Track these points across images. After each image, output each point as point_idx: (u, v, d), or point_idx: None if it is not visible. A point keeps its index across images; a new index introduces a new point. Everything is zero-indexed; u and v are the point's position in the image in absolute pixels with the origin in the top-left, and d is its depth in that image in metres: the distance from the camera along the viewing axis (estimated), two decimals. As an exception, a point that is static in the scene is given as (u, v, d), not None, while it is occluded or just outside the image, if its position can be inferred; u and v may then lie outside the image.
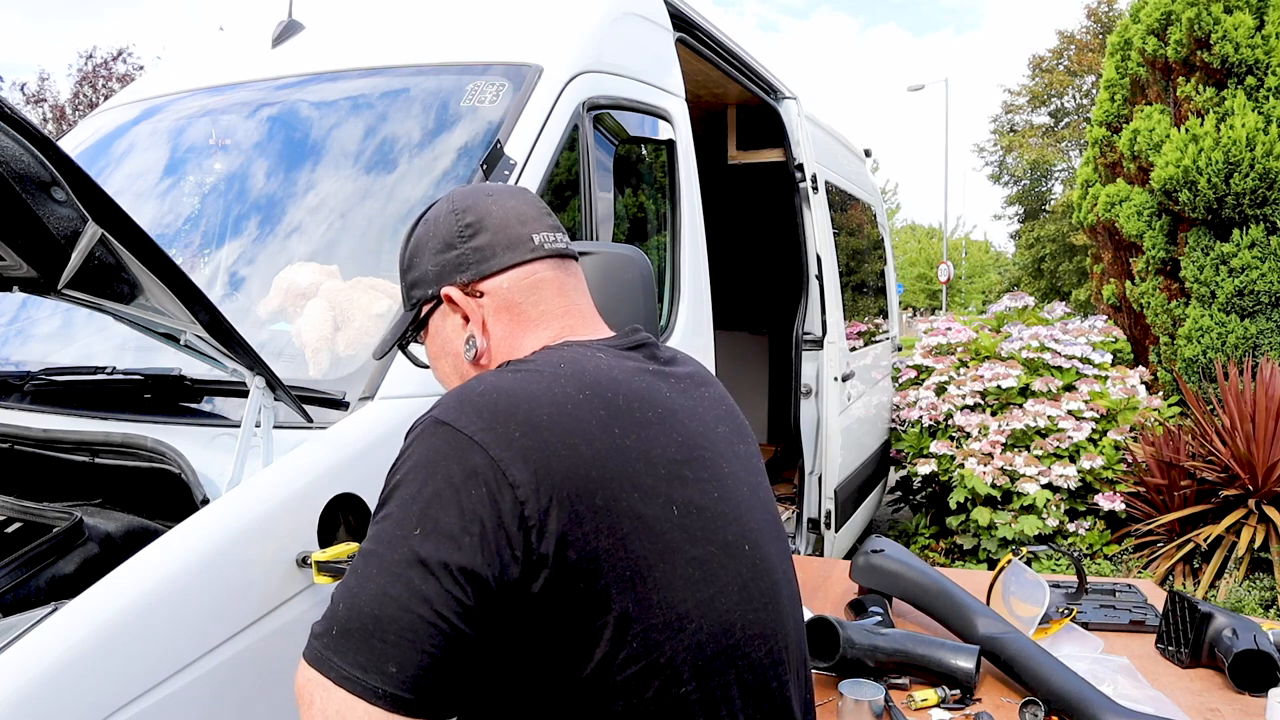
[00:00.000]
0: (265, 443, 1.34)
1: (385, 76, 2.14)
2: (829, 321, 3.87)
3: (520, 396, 0.83)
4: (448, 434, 0.81)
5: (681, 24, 2.78)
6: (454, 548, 0.75)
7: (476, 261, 0.97)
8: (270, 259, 1.87)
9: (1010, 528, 4.23)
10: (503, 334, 0.98)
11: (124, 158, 2.34)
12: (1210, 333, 5.14)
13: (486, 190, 1.03)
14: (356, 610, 0.75)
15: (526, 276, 0.98)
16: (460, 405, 0.83)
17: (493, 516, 0.76)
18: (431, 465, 0.80)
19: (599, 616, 0.79)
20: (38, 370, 1.71)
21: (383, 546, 0.77)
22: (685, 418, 0.92)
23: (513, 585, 0.76)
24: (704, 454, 0.90)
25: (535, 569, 0.77)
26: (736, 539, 0.89)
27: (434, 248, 1.00)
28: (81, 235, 1.15)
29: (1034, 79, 24.30)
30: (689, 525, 0.84)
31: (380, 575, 0.75)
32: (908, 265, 37.86)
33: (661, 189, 2.51)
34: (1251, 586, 3.74)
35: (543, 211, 1.03)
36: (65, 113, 14.95)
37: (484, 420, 0.80)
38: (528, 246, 0.98)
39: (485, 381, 0.87)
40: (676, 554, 0.83)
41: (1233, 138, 4.96)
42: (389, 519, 0.79)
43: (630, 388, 0.89)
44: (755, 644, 0.88)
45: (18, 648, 0.98)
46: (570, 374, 0.87)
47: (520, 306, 0.98)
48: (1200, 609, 1.85)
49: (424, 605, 0.74)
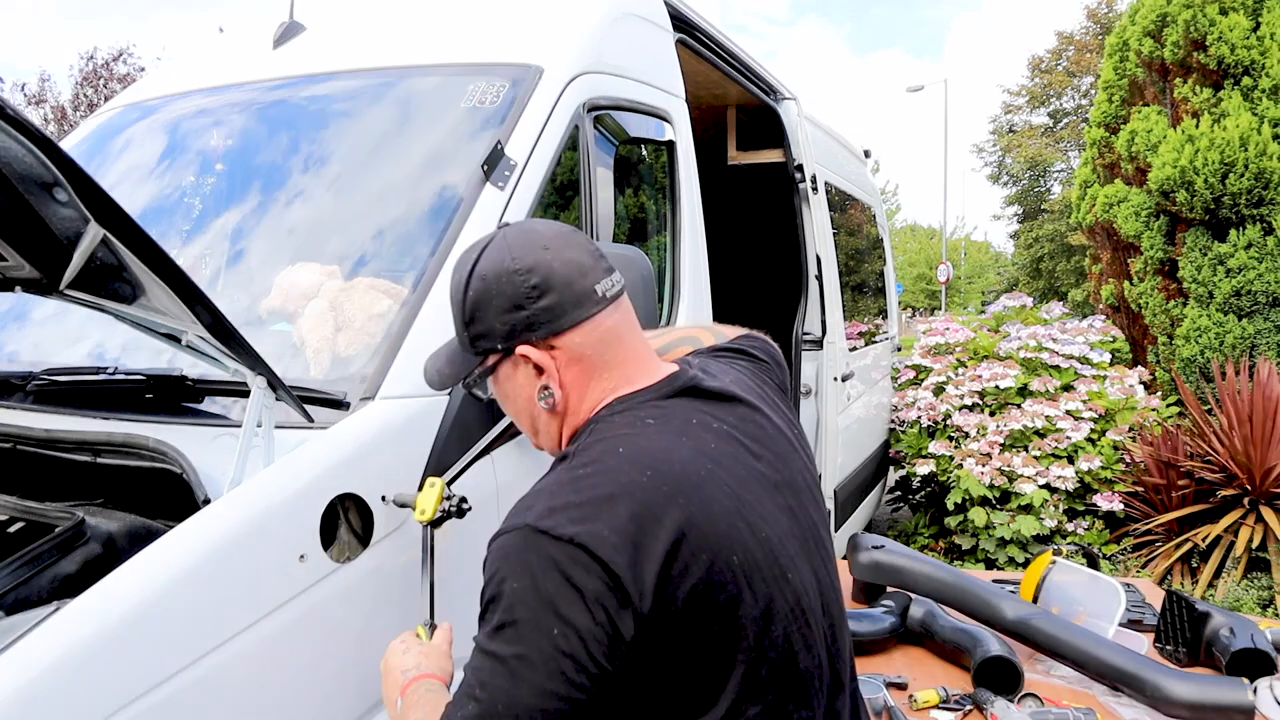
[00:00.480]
0: (266, 443, 1.34)
1: (386, 77, 2.14)
2: (829, 322, 3.88)
3: (601, 498, 0.93)
4: (548, 541, 0.90)
5: (681, 25, 2.78)
6: (593, 640, 0.87)
7: (547, 321, 1.03)
8: (271, 259, 1.88)
9: (1008, 528, 4.24)
10: (573, 383, 1.06)
11: (125, 158, 2.34)
12: (1208, 333, 5.15)
13: (542, 241, 1.05)
14: (521, 706, 0.87)
15: (594, 329, 1.05)
16: (552, 513, 0.92)
17: (612, 601, 0.88)
18: (545, 568, 0.89)
19: (697, 656, 0.92)
20: (40, 370, 1.71)
21: (525, 647, 0.88)
22: (728, 469, 1.00)
23: (633, 654, 0.89)
24: (747, 496, 1.00)
25: (646, 636, 0.89)
26: (781, 572, 0.99)
27: (500, 306, 1.04)
28: (83, 236, 1.15)
29: (1033, 79, 24.32)
30: (748, 570, 0.95)
31: (535, 673, 0.87)
32: (907, 265, 37.87)
33: (662, 189, 2.51)
34: (1249, 586, 3.75)
35: (596, 256, 1.08)
36: (66, 113, 14.94)
37: (578, 524, 0.90)
38: (592, 300, 1.05)
39: (564, 491, 0.95)
40: (744, 597, 0.94)
41: (1228, 138, 4.97)
42: (523, 621, 0.88)
43: (680, 455, 0.98)
44: (806, 656, 1.00)
45: (20, 647, 0.98)
46: (630, 460, 0.96)
47: (589, 359, 1.06)
48: (1198, 608, 1.85)
49: (581, 691, 0.87)
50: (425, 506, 1.34)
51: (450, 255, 1.64)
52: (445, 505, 1.36)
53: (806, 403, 3.83)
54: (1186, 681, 1.61)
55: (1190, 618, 1.85)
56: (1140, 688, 1.62)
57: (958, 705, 1.67)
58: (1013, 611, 1.81)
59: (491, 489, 1.58)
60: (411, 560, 1.43)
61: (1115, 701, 1.67)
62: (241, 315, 1.71)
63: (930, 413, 4.79)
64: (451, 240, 1.67)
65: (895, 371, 5.38)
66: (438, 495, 1.35)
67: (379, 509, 1.38)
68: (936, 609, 1.92)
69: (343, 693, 1.31)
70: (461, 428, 1.53)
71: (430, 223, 1.75)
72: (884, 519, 5.66)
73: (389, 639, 1.38)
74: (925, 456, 4.67)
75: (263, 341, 1.44)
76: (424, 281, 1.62)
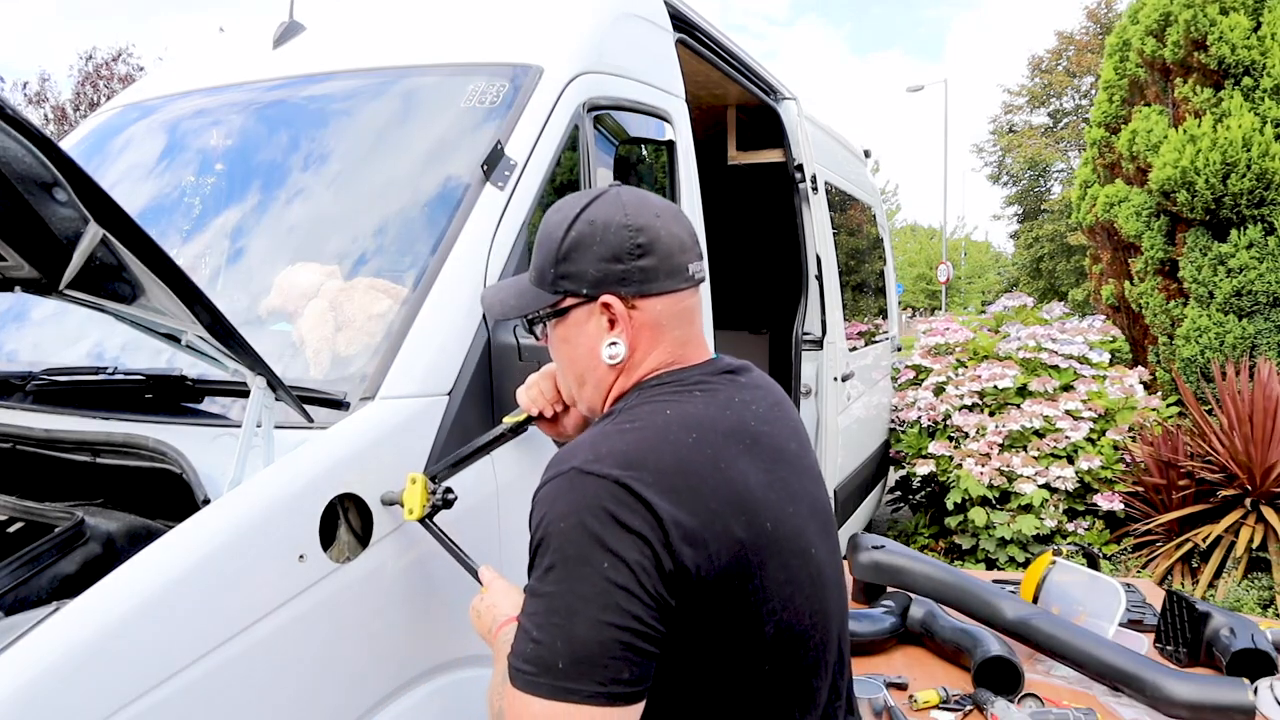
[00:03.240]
0: (266, 443, 1.34)
1: (386, 77, 2.14)
2: (829, 322, 3.88)
3: (644, 446, 0.96)
4: (593, 480, 0.93)
5: (681, 25, 2.78)
6: (641, 571, 0.89)
7: (640, 281, 1.07)
8: (271, 259, 1.88)
9: (1008, 528, 4.24)
10: (641, 345, 1.09)
11: (125, 158, 2.34)
12: (1208, 333, 5.15)
13: (654, 209, 1.09)
14: (580, 641, 0.88)
15: (677, 303, 1.09)
16: (597, 458, 0.95)
17: (655, 537, 0.90)
18: (592, 506, 0.91)
19: (724, 612, 0.96)
20: (39, 370, 1.71)
21: (577, 581, 0.90)
22: (766, 442, 1.05)
23: (676, 590, 0.91)
24: (780, 473, 1.05)
25: (683, 581, 0.92)
26: (805, 546, 1.05)
27: (600, 253, 1.07)
28: (83, 236, 1.15)
29: (1033, 79, 24.31)
30: (777, 538, 1.00)
31: (589, 607, 0.88)
32: (907, 266, 37.88)
33: (662, 189, 2.51)
34: (1250, 586, 3.75)
35: (695, 239, 1.12)
36: (66, 113, 14.94)
37: (621, 467, 0.93)
38: (683, 275, 1.09)
39: (609, 439, 0.99)
40: (770, 563, 0.99)
41: (1229, 138, 4.97)
42: (572, 559, 0.90)
43: (723, 424, 1.02)
44: (816, 629, 1.05)
45: (19, 647, 0.98)
46: (676, 421, 1.00)
47: (662, 328, 1.09)
48: (1198, 608, 1.85)
49: (637, 621, 0.89)
50: (412, 505, 1.35)
51: (450, 255, 1.64)
52: (432, 500, 1.36)
53: (806, 403, 3.83)
54: (1187, 682, 1.61)
55: (1190, 618, 1.85)
56: (1140, 688, 1.62)
57: (958, 705, 1.67)
58: (1013, 611, 1.81)
59: (491, 489, 1.58)
60: (411, 560, 1.43)
61: (1115, 702, 1.67)
62: (241, 315, 1.71)
63: (930, 413, 4.79)
64: (451, 240, 1.67)
65: (895, 371, 5.38)
66: (421, 491, 1.35)
67: (379, 509, 1.38)
68: (936, 609, 1.92)
69: (343, 693, 1.31)
70: (461, 428, 1.53)
71: (430, 222, 1.75)
72: (884, 519, 5.66)
73: (389, 639, 1.38)
74: (925, 456, 4.67)
75: (263, 341, 1.44)
76: (424, 281, 1.62)
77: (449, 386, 1.53)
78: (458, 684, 1.50)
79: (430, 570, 1.47)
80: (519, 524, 1.60)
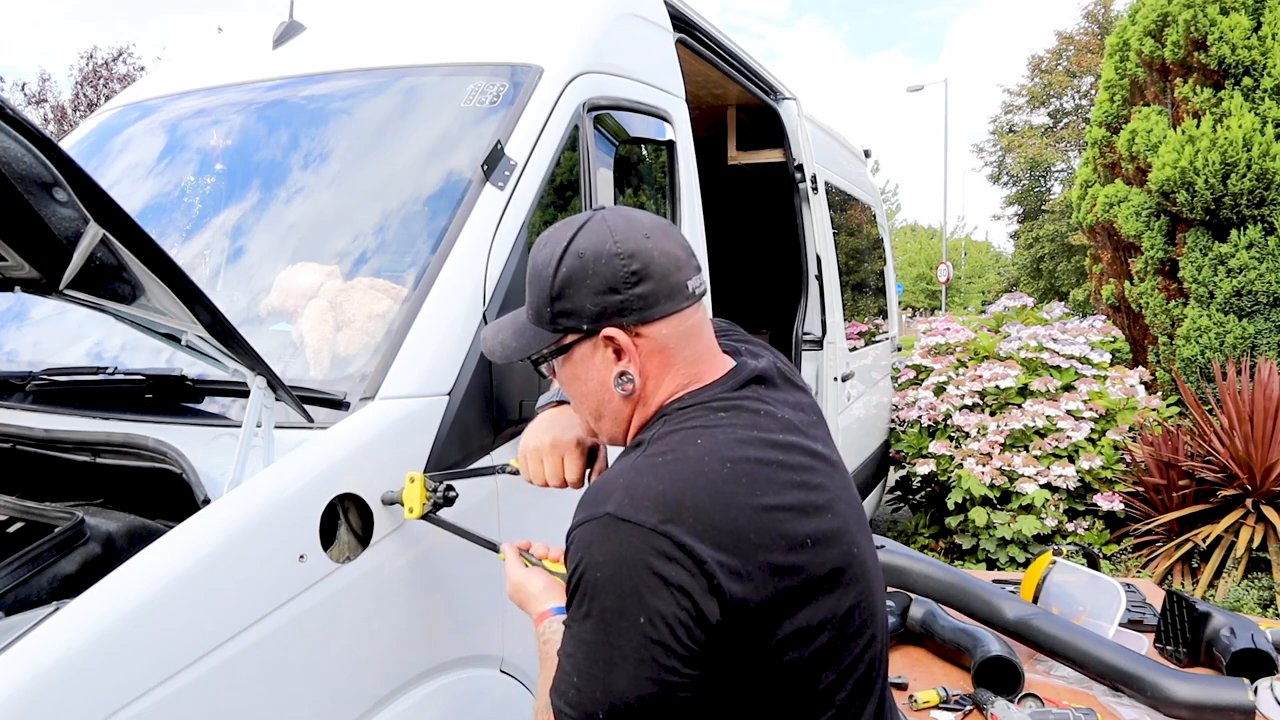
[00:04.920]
0: (266, 443, 1.34)
1: (385, 77, 2.14)
2: (829, 322, 3.88)
3: (682, 486, 0.95)
4: (631, 529, 0.92)
5: (681, 25, 2.78)
6: (679, 625, 0.90)
7: (640, 308, 1.04)
8: (271, 259, 1.88)
9: (1009, 528, 4.24)
10: (652, 373, 1.07)
11: (125, 158, 2.34)
12: (1208, 333, 5.15)
13: (643, 229, 1.06)
14: (619, 694, 0.90)
15: (682, 323, 1.07)
16: (634, 501, 0.94)
17: (696, 587, 0.90)
18: (630, 558, 0.91)
19: (780, 634, 0.96)
20: (39, 370, 1.71)
21: (616, 635, 0.91)
22: (796, 451, 1.04)
23: (720, 633, 0.92)
24: (815, 480, 1.04)
25: (731, 620, 0.92)
26: (849, 546, 1.04)
27: (595, 286, 1.03)
28: (83, 236, 1.15)
29: (1033, 79, 24.30)
30: (820, 550, 1.00)
31: (626, 663, 0.90)
32: (907, 265, 37.87)
33: (661, 189, 2.51)
34: (1250, 586, 3.75)
35: (689, 253, 1.09)
36: (66, 113, 14.94)
37: (660, 513, 0.92)
38: (684, 294, 1.06)
39: (644, 477, 0.97)
40: (819, 578, 0.99)
41: (1229, 138, 4.97)
42: (610, 610, 0.91)
43: (754, 449, 1.01)
44: (869, 622, 1.06)
45: (19, 647, 0.98)
46: (709, 452, 0.99)
47: (671, 351, 1.07)
48: (1199, 608, 1.85)
49: (673, 674, 0.90)
50: (412, 504, 1.35)
51: (450, 255, 1.64)
52: (433, 498, 1.36)
53: (807, 403, 3.82)
54: (1187, 682, 1.61)
55: (1191, 618, 1.85)
56: (1140, 688, 1.62)
57: (958, 705, 1.67)
58: (1013, 611, 1.81)
59: (491, 489, 1.58)
60: (411, 560, 1.43)
61: (1115, 702, 1.67)
62: (241, 315, 1.71)
63: (930, 413, 4.79)
64: (451, 240, 1.67)
65: (895, 371, 5.38)
66: (420, 490, 1.36)
67: (379, 509, 1.38)
68: (936, 609, 1.92)
69: (343, 693, 1.31)
70: (461, 428, 1.53)
71: (430, 222, 1.75)
72: (884, 519, 5.66)
73: (389, 639, 1.38)
74: (925, 456, 4.67)
75: (263, 341, 1.44)
76: (424, 281, 1.62)
77: (449, 386, 1.53)
78: (458, 684, 1.50)
79: (430, 570, 1.47)
80: (519, 523, 1.60)
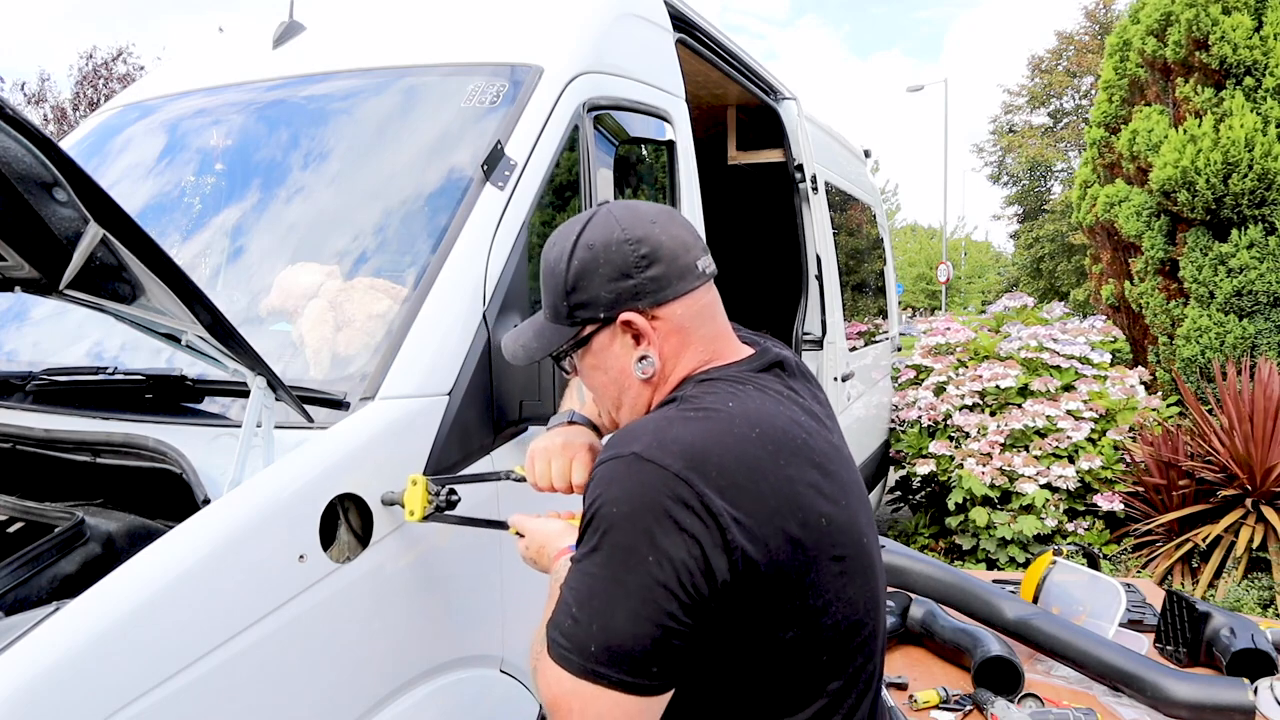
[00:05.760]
0: (266, 443, 1.34)
1: (385, 77, 2.14)
2: (829, 322, 3.88)
3: (710, 439, 0.96)
4: (654, 469, 0.92)
5: (681, 25, 2.78)
6: (686, 571, 0.89)
7: (654, 290, 1.07)
8: (271, 259, 1.88)
9: (1009, 528, 4.24)
10: (671, 353, 1.10)
11: (125, 158, 2.34)
12: (1209, 333, 5.15)
13: (648, 216, 1.09)
14: (615, 630, 0.90)
15: (695, 302, 1.09)
16: (661, 445, 0.94)
17: (708, 539, 0.90)
18: (649, 498, 0.91)
19: (782, 606, 0.96)
20: (40, 370, 1.71)
21: (622, 571, 0.91)
22: (816, 440, 1.06)
23: (724, 592, 0.92)
24: (831, 467, 1.05)
25: (738, 580, 0.92)
26: (858, 536, 1.05)
27: (607, 274, 1.07)
28: (83, 236, 1.15)
29: (1033, 79, 24.31)
30: (833, 533, 1.01)
31: (629, 599, 0.90)
32: (908, 265, 37.88)
33: (661, 189, 2.51)
34: (1250, 586, 3.75)
35: (696, 236, 1.13)
36: (66, 113, 14.94)
37: (684, 460, 0.93)
38: (694, 274, 1.09)
39: (674, 426, 0.98)
40: (826, 558, 1.00)
41: (1231, 138, 4.97)
42: (620, 547, 0.91)
43: (781, 421, 1.03)
44: (869, 615, 1.06)
45: (19, 647, 0.98)
46: (740, 415, 1.00)
47: (687, 330, 1.09)
48: (1198, 608, 1.85)
49: (672, 620, 0.90)
50: (414, 507, 1.35)
51: (450, 255, 1.64)
52: (435, 501, 1.36)
53: (807, 403, 3.82)
54: (1187, 682, 1.61)
55: (1191, 618, 1.85)
56: (1140, 688, 1.62)
57: (958, 705, 1.67)
58: (1013, 611, 1.81)
59: (491, 489, 1.58)
60: (411, 560, 1.43)
61: (1115, 702, 1.67)
62: (241, 315, 1.71)
63: (930, 413, 4.79)
64: (451, 240, 1.67)
65: (895, 371, 5.38)
66: (422, 493, 1.36)
67: (379, 509, 1.38)
68: (936, 609, 1.92)
69: (343, 693, 1.31)
70: (461, 428, 1.53)
71: (430, 222, 1.75)
72: (884, 519, 5.66)
73: (389, 639, 1.38)
74: (925, 456, 4.67)
75: (263, 341, 1.44)
76: (424, 281, 1.62)
77: (449, 386, 1.53)
78: (458, 684, 1.50)
79: (430, 570, 1.47)
80: (519, 524, 1.60)
